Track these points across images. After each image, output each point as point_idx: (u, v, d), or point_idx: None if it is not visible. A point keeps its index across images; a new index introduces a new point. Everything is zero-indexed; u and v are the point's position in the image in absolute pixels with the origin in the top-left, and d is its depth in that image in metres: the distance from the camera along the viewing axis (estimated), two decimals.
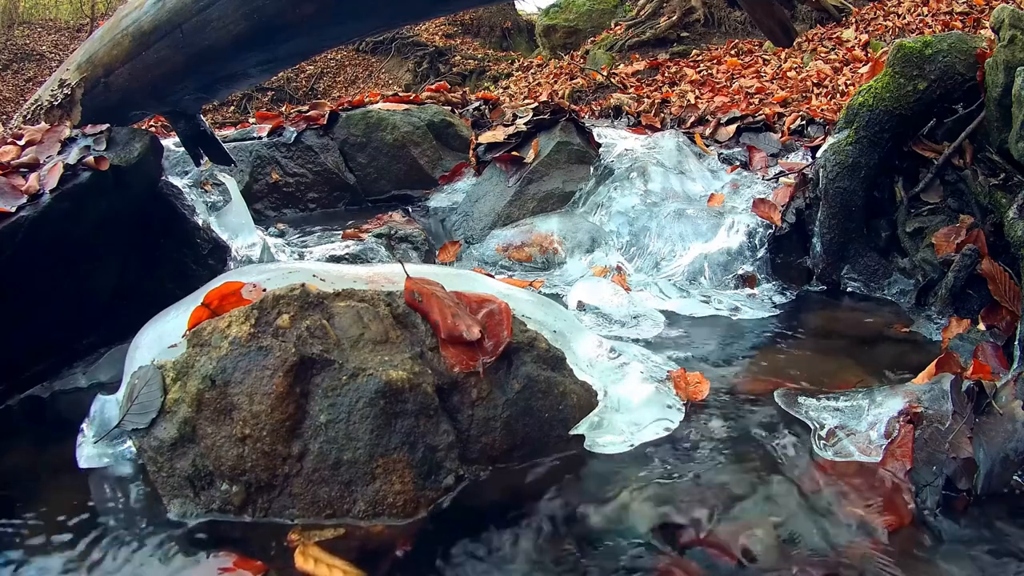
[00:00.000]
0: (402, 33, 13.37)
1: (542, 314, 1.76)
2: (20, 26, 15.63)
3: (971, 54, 2.44)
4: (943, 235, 2.37)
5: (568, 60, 9.91)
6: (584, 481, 1.47)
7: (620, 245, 2.98)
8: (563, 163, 3.37)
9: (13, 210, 1.88)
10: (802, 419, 1.65)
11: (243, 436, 1.36)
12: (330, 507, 1.37)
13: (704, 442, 1.58)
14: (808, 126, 3.67)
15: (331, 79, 13.78)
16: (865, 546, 1.25)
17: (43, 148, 2.14)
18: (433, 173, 3.98)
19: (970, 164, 2.43)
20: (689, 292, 2.63)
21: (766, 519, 1.33)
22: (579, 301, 2.36)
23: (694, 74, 7.07)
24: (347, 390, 1.39)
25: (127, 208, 2.27)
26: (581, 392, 1.63)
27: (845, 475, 1.45)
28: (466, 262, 3.09)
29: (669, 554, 1.25)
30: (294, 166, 3.85)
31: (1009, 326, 1.99)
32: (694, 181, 3.28)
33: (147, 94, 2.68)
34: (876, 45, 6.31)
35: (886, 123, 2.52)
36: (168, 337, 1.55)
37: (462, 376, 1.50)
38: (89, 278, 2.21)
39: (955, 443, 1.42)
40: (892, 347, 2.13)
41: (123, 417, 1.47)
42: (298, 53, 2.71)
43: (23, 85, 13.72)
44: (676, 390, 1.75)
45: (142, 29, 2.51)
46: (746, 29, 8.69)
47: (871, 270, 2.58)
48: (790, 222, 2.74)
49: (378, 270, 1.77)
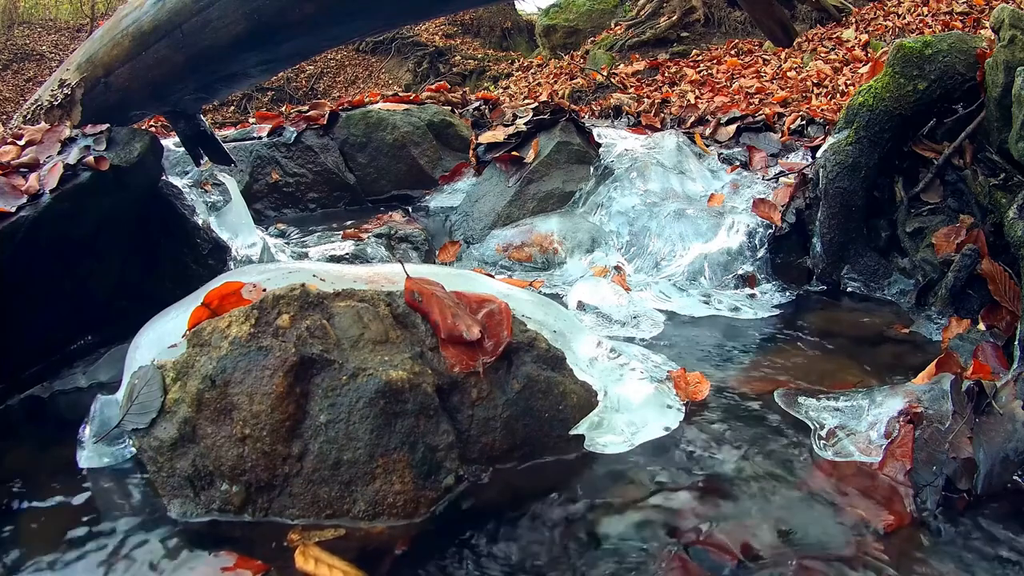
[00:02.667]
0: (402, 33, 13.37)
1: (542, 314, 1.76)
2: (20, 26, 15.63)
3: (971, 54, 2.44)
4: (943, 235, 2.37)
5: (568, 60, 9.91)
6: (584, 481, 1.47)
7: (620, 245, 2.97)
8: (563, 163, 3.37)
9: (13, 210, 1.88)
10: (802, 419, 1.65)
11: (243, 436, 1.36)
12: (330, 507, 1.37)
13: (704, 442, 1.58)
14: (808, 126, 3.67)
15: (331, 79, 13.78)
16: (865, 546, 1.25)
17: (43, 148, 2.14)
18: (433, 173, 3.98)
19: (970, 164, 2.43)
20: (689, 292, 2.63)
21: (766, 519, 1.33)
22: (579, 301, 2.36)
23: (694, 74, 7.07)
24: (347, 390, 1.39)
25: (127, 208, 2.27)
26: (581, 392, 1.63)
27: (845, 475, 1.45)
28: (466, 262, 3.09)
29: (669, 554, 1.25)
30: (294, 166, 3.85)
31: (1009, 326, 1.99)
32: (694, 181, 3.28)
33: (147, 94, 2.68)
34: (876, 45, 6.31)
35: (886, 123, 2.52)
36: (168, 337, 1.55)
37: (462, 376, 1.50)
38: (89, 278, 2.21)
39: (955, 443, 1.42)
40: (892, 347, 2.13)
41: (123, 417, 1.47)
42: (298, 53, 2.71)
43: (23, 85, 13.72)
44: (676, 390, 1.75)
45: (142, 29, 2.51)
46: (746, 29, 8.69)
47: (871, 270, 2.58)
48: (790, 222, 2.74)
49: (378, 270, 1.76)
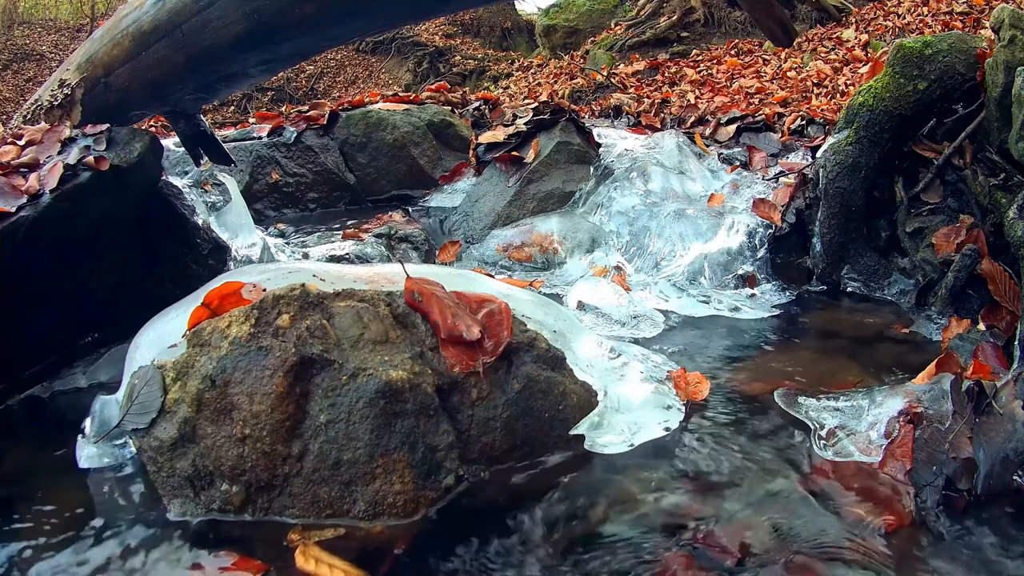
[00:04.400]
0: (402, 33, 13.37)
1: (542, 314, 1.76)
2: (20, 26, 15.63)
3: (971, 54, 2.44)
4: (943, 235, 2.37)
5: (568, 60, 9.91)
6: (584, 481, 1.47)
7: (620, 245, 2.97)
8: (563, 163, 3.37)
9: (13, 210, 1.88)
10: (802, 419, 1.65)
11: (243, 436, 1.36)
12: (330, 507, 1.37)
13: (704, 442, 1.58)
14: (808, 126, 3.67)
15: (331, 79, 13.78)
16: (865, 546, 1.25)
17: (43, 148, 2.14)
18: (433, 173, 3.98)
19: (970, 164, 2.43)
20: (689, 292, 2.63)
21: (766, 519, 1.33)
22: (579, 301, 2.36)
23: (694, 74, 7.06)
24: (347, 390, 1.39)
25: (127, 208, 2.27)
26: (581, 392, 1.63)
27: (845, 475, 1.45)
28: (466, 262, 3.09)
29: (669, 554, 1.25)
30: (294, 166, 3.85)
31: (1009, 326, 1.99)
32: (694, 181, 3.28)
33: (147, 94, 2.68)
34: (876, 45, 6.30)
35: (886, 123, 2.52)
36: (168, 337, 1.55)
37: (462, 376, 1.50)
38: (89, 278, 2.21)
39: (955, 443, 1.42)
40: (892, 347, 2.13)
41: (123, 417, 1.47)
42: (298, 53, 2.71)
43: (23, 85, 13.72)
44: (676, 390, 1.75)
45: (142, 29, 2.51)
46: (746, 29, 8.69)
47: (871, 270, 2.58)
48: (790, 222, 2.74)
49: (378, 270, 1.76)
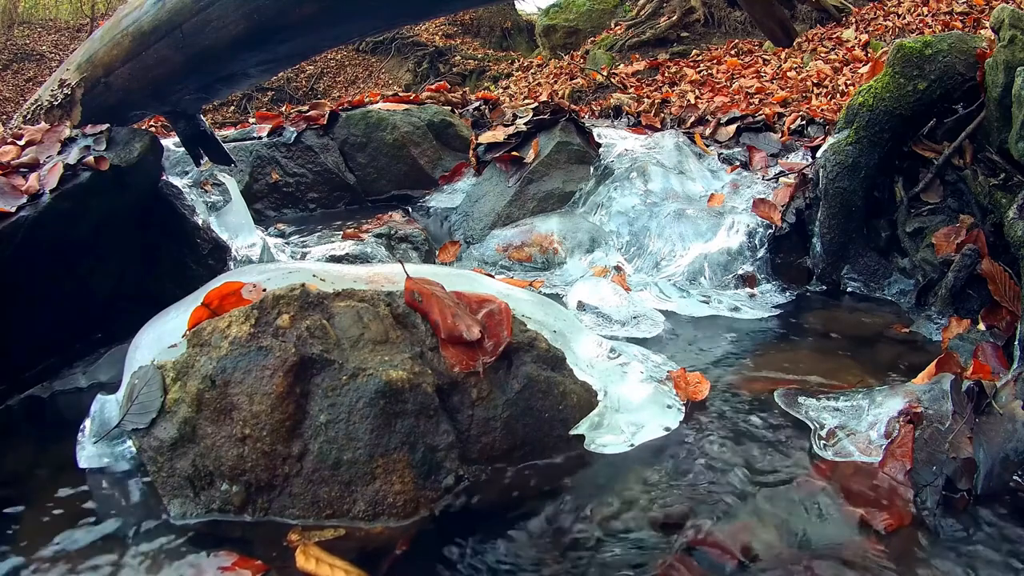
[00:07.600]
0: (402, 33, 13.36)
1: (542, 314, 1.76)
2: (20, 26, 15.63)
3: (971, 54, 2.44)
4: (943, 235, 2.37)
5: (568, 60, 9.90)
6: (584, 481, 1.47)
7: (620, 245, 2.97)
8: (563, 163, 3.37)
9: (13, 210, 1.88)
10: (802, 419, 1.65)
11: (243, 436, 1.36)
12: (330, 507, 1.37)
13: (704, 442, 1.58)
14: (808, 126, 3.67)
15: (331, 79, 13.78)
16: (865, 546, 1.25)
17: (43, 148, 2.14)
18: (433, 173, 3.98)
19: (970, 164, 2.43)
20: (689, 292, 2.63)
21: (766, 519, 1.33)
22: (579, 301, 2.36)
23: (694, 74, 7.06)
24: (347, 390, 1.39)
25: (127, 208, 2.27)
26: (581, 392, 1.63)
27: (845, 475, 1.45)
28: (466, 262, 3.09)
29: (669, 554, 1.25)
30: (294, 166, 3.85)
31: (1009, 326, 1.99)
32: (694, 181, 3.28)
33: (147, 94, 2.68)
34: (876, 45, 6.30)
35: (886, 123, 2.52)
36: (168, 337, 1.55)
37: (462, 376, 1.50)
38: (89, 278, 2.21)
39: (955, 443, 1.42)
40: (892, 347, 2.13)
41: (123, 417, 1.47)
42: (298, 53, 2.71)
43: (23, 85, 13.72)
44: (676, 390, 1.75)
45: (142, 29, 2.51)
46: (746, 29, 8.69)
47: (871, 270, 2.58)
48: (790, 222, 2.74)
49: (378, 270, 1.76)
